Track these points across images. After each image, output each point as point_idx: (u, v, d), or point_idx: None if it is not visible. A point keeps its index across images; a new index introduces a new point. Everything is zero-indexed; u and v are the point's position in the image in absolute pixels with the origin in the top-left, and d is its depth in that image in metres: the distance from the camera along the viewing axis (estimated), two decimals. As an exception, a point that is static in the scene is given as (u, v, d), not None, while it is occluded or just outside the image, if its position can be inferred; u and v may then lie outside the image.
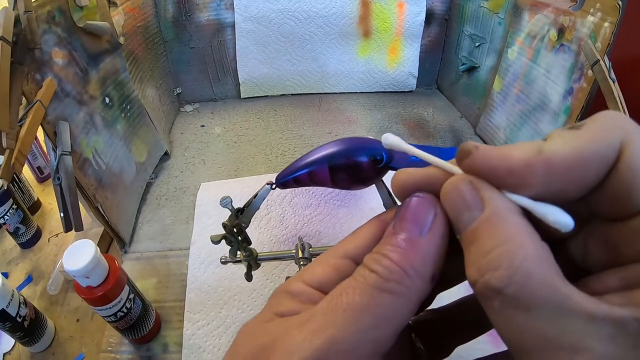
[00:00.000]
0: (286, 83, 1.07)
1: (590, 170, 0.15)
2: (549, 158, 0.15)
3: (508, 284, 0.14)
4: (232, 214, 0.41)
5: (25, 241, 0.69)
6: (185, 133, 0.97)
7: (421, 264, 0.17)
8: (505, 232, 0.15)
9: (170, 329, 0.56)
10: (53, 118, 0.51)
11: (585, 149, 0.15)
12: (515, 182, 0.15)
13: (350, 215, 0.68)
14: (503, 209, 0.15)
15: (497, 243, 0.15)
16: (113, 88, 0.69)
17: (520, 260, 0.14)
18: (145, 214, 0.74)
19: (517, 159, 0.15)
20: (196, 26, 0.98)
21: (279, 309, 0.18)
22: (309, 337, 0.16)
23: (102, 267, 0.45)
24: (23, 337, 0.52)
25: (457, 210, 0.17)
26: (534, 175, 0.15)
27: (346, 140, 0.33)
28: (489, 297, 0.15)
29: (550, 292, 0.14)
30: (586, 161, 0.15)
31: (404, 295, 0.16)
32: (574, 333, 0.13)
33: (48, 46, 0.52)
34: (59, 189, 0.51)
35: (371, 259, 0.17)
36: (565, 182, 0.15)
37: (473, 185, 0.16)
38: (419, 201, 0.18)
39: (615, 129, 0.15)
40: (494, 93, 0.87)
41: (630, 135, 0.15)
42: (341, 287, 0.17)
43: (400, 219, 0.18)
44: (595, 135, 0.15)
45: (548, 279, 0.14)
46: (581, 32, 0.62)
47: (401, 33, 1.03)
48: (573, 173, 0.15)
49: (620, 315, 0.13)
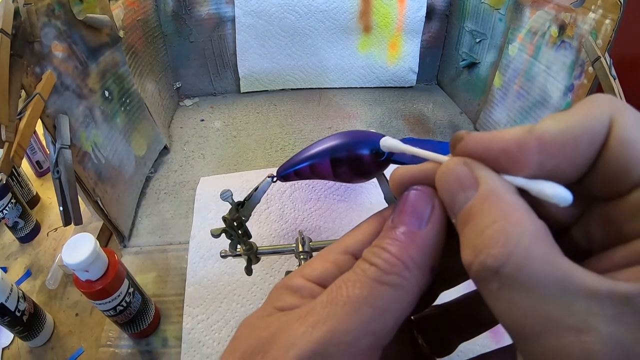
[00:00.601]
0: (286, 78, 1.07)
1: (581, 146, 0.15)
2: (540, 135, 0.15)
3: (506, 262, 0.13)
4: (233, 208, 0.41)
5: (24, 235, 0.69)
6: (184, 127, 0.96)
7: (420, 256, 0.17)
8: (502, 209, 0.15)
9: (169, 323, 0.56)
10: (52, 111, 0.51)
11: (575, 125, 0.15)
12: (509, 162, 0.15)
13: (350, 209, 0.68)
14: (498, 186, 0.15)
15: (492, 220, 0.14)
16: (113, 82, 0.68)
17: (518, 237, 0.14)
18: (144, 208, 0.74)
19: (509, 139, 0.15)
20: (196, 20, 0.97)
21: (279, 303, 0.18)
22: (309, 329, 0.16)
23: (101, 260, 0.44)
24: (22, 332, 0.52)
25: (452, 192, 0.16)
26: (527, 153, 0.15)
27: (348, 134, 0.33)
28: (485, 279, 0.14)
29: (551, 269, 0.13)
30: (577, 137, 0.14)
31: (404, 288, 0.16)
32: (579, 313, 0.13)
33: (48, 39, 0.52)
34: (58, 182, 0.50)
35: (370, 253, 0.17)
36: (558, 159, 0.15)
37: (467, 166, 0.16)
38: (417, 194, 0.18)
39: (604, 106, 0.15)
40: (494, 89, 0.87)
41: (619, 110, 0.14)
42: (341, 280, 0.17)
43: (399, 212, 0.18)
44: (585, 113, 0.15)
45: (548, 256, 0.14)
46: (582, 29, 0.62)
47: (402, 28, 1.02)
48: (565, 149, 0.15)
49: (626, 291, 0.12)
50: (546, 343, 0.13)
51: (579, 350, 0.12)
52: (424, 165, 0.18)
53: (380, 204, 0.43)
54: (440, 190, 0.17)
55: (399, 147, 0.21)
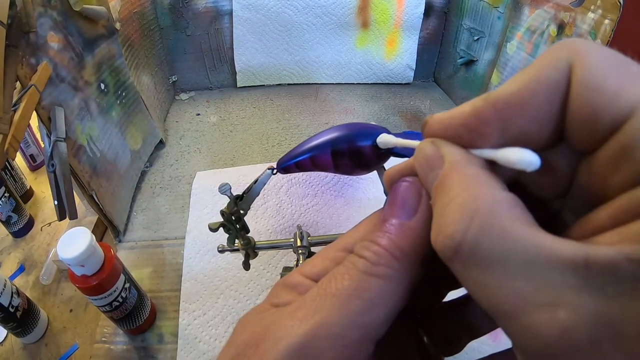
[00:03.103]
0: (283, 73, 1.06)
1: (541, 101, 0.13)
2: (494, 101, 0.14)
3: (462, 241, 0.13)
4: (231, 201, 0.41)
5: (17, 230, 0.68)
6: (180, 121, 0.95)
7: (410, 247, 0.16)
8: (460, 185, 0.14)
9: (165, 319, 0.55)
10: (48, 103, 0.50)
11: (531, 81, 0.14)
12: (470, 135, 0.15)
13: (347, 205, 0.68)
14: (460, 161, 0.15)
15: (451, 198, 0.14)
16: (108, 74, 0.68)
17: (472, 212, 0.13)
18: (140, 202, 0.73)
19: (466, 112, 0.15)
20: (193, 13, 0.96)
21: (275, 300, 0.18)
22: (297, 323, 0.16)
23: (97, 255, 0.44)
24: (15, 328, 0.51)
25: (424, 173, 0.16)
26: (486, 122, 0.14)
27: (349, 126, 0.33)
28: (449, 260, 0.14)
29: (513, 243, 0.12)
30: (533, 93, 0.14)
31: (393, 279, 0.16)
32: (552, 286, 0.11)
33: (43, 30, 0.51)
34: (53, 176, 0.50)
35: (360, 246, 0.17)
36: (521, 121, 0.14)
37: (434, 144, 0.16)
38: (406, 185, 0.17)
39: (562, 52, 0.13)
40: (491, 87, 0.87)
41: (579, 53, 0.13)
42: (331, 274, 0.17)
43: (389, 205, 0.18)
44: (541, 65, 0.14)
45: (510, 229, 0.12)
46: (581, 29, 0.62)
47: (400, 25, 1.02)
48: (525, 109, 0.14)
49: (608, 257, 0.11)
50: (520, 322, 0.12)
51: (555, 328, 0.11)
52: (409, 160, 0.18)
53: (377, 199, 0.43)
54: (417, 171, 0.17)
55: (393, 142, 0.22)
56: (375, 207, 0.44)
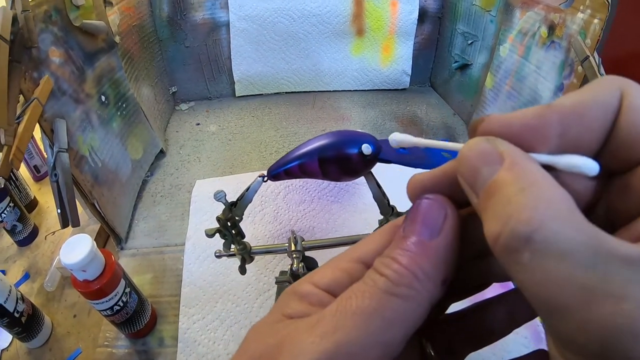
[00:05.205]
0: (280, 81, 1.08)
1: (597, 114, 0.15)
2: (558, 109, 0.15)
3: (538, 227, 0.13)
4: (226, 208, 0.42)
5: (22, 239, 0.70)
6: (180, 131, 0.97)
7: (432, 267, 0.16)
8: (529, 177, 0.14)
9: (166, 323, 0.57)
10: (50, 115, 0.52)
11: (589, 98, 0.15)
12: (531, 135, 0.15)
13: (343, 210, 0.69)
14: (523, 158, 0.15)
15: (521, 187, 0.14)
16: (109, 86, 0.70)
17: (549, 201, 0.13)
18: (141, 210, 0.75)
19: (529, 114, 0.16)
20: (191, 25, 0.99)
21: (287, 310, 0.18)
22: (317, 339, 0.16)
23: (98, 260, 0.45)
24: (20, 333, 0.53)
25: (474, 168, 0.16)
26: (548, 125, 0.15)
27: (335, 134, 0.35)
28: (515, 251, 0.13)
29: (585, 235, 0.13)
30: (591, 107, 0.15)
31: (414, 300, 0.16)
32: (616, 280, 0.12)
33: (45, 45, 0.53)
34: (56, 185, 0.51)
35: (381, 263, 0.17)
36: (578, 129, 0.15)
37: (490, 143, 0.16)
38: (429, 203, 0.17)
39: (614, 81, 0.15)
40: (486, 90, 0.88)
41: (628, 84, 0.15)
42: (351, 290, 0.17)
43: (411, 221, 0.18)
44: (596, 88, 0.15)
45: (580, 222, 0.13)
46: (571, 29, 0.63)
47: (394, 31, 1.04)
48: (583, 119, 0.15)
49: None
50: (585, 314, 0.12)
51: (621, 318, 0.12)
52: (443, 166, 0.18)
53: (373, 204, 0.44)
54: (462, 169, 0.16)
55: (411, 141, 0.21)
56: (371, 211, 0.45)
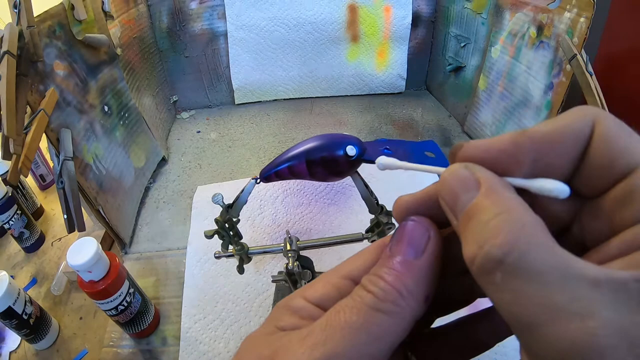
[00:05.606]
0: (278, 88, 1.10)
1: (570, 142, 0.16)
2: (532, 135, 0.17)
3: (510, 250, 0.14)
4: (223, 210, 0.44)
5: (29, 245, 0.73)
6: (182, 139, 1.00)
7: (415, 285, 0.17)
8: (504, 204, 0.15)
9: (168, 324, 0.59)
10: (56, 126, 0.55)
11: (563, 125, 0.16)
12: (507, 160, 0.17)
13: (340, 212, 0.71)
14: (499, 185, 0.16)
15: (495, 213, 0.15)
16: (111, 97, 0.72)
17: (521, 227, 0.14)
18: (144, 216, 0.77)
19: (505, 140, 0.17)
20: (190, 36, 1.02)
21: (280, 323, 0.20)
22: (307, 351, 0.17)
23: (103, 262, 0.48)
24: (29, 335, 0.55)
25: (455, 194, 0.17)
26: (523, 151, 0.16)
27: (322, 137, 0.37)
28: (489, 271, 0.15)
29: (554, 258, 0.14)
30: (565, 135, 0.16)
31: (398, 315, 0.17)
32: (582, 299, 0.13)
33: (50, 59, 0.56)
34: (62, 192, 0.54)
35: (368, 280, 0.18)
36: (550, 155, 0.16)
37: (469, 169, 0.17)
38: (414, 225, 0.19)
39: (587, 111, 0.16)
40: (479, 91, 0.90)
41: (601, 114, 0.16)
42: (339, 305, 0.18)
43: (397, 241, 0.19)
44: (570, 117, 0.17)
45: (550, 246, 0.14)
46: (559, 29, 0.64)
47: (389, 36, 1.06)
48: (555, 146, 0.16)
49: (620, 278, 0.13)
50: (553, 330, 0.13)
51: (584, 335, 0.13)
52: (426, 189, 0.20)
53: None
54: (443, 193, 0.18)
55: (396, 165, 0.22)
56: (366, 213, 0.47)
